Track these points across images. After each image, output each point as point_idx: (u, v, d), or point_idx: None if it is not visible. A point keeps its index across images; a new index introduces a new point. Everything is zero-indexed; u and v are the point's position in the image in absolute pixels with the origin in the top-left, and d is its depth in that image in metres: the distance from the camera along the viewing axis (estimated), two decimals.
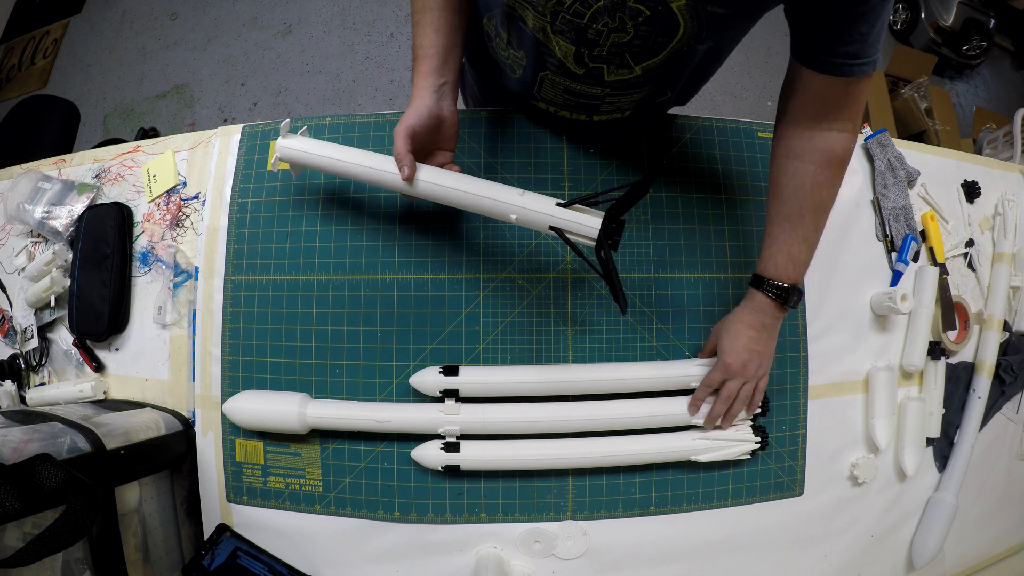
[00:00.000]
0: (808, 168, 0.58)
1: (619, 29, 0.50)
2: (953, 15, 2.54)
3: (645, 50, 0.53)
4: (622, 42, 0.52)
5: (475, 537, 0.69)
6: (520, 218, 0.56)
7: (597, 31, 0.51)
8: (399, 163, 0.57)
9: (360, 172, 0.61)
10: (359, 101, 2.19)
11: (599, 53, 0.55)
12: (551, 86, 0.65)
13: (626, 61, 0.55)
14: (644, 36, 0.51)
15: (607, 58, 0.55)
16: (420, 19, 0.59)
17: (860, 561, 0.76)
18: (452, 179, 0.58)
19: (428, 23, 0.58)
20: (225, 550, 0.68)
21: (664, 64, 0.56)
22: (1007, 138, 2.08)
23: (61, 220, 0.78)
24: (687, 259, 0.74)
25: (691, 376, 0.67)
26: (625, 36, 0.51)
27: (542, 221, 0.55)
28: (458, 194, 0.58)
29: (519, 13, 0.54)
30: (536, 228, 0.57)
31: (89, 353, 0.76)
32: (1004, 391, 0.84)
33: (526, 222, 0.56)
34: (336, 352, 0.70)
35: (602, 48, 0.54)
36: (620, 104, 0.67)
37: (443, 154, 0.63)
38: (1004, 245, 0.87)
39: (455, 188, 0.58)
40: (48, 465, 0.48)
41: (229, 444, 0.71)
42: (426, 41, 0.58)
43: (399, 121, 0.57)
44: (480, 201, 0.57)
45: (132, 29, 2.45)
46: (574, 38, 0.53)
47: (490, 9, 0.61)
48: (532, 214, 0.55)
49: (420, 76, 0.59)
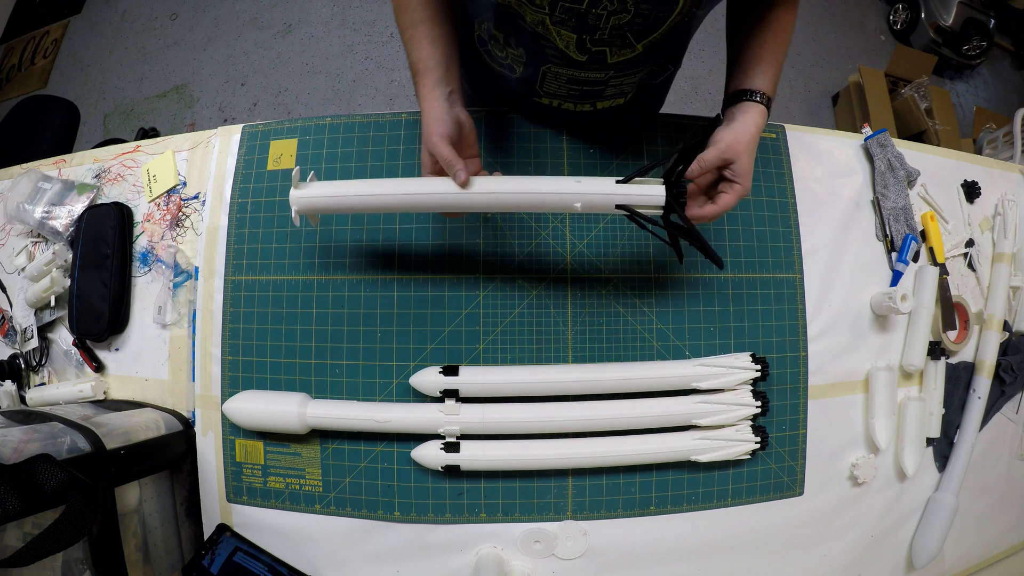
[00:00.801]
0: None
1: (619, 11, 0.51)
2: (953, 15, 2.54)
3: (646, 27, 0.53)
4: (623, 23, 0.52)
5: (475, 537, 0.69)
6: (585, 205, 0.54)
7: (597, 15, 0.51)
8: (453, 168, 0.54)
9: (397, 202, 0.57)
10: (359, 101, 2.19)
11: (600, 37, 0.55)
12: (554, 78, 0.65)
13: (628, 40, 0.55)
14: (645, 13, 0.51)
15: (609, 40, 0.55)
16: (413, 33, 0.57)
17: (860, 561, 0.76)
18: (506, 183, 0.56)
19: (423, 35, 0.57)
20: (225, 550, 0.68)
21: (665, 37, 0.56)
22: (1007, 138, 2.08)
23: (61, 220, 0.78)
24: (687, 259, 0.74)
25: (691, 376, 0.67)
26: (626, 16, 0.51)
27: (607, 203, 0.54)
28: (517, 197, 0.55)
29: (516, 10, 0.54)
30: (601, 211, 0.56)
31: (89, 353, 0.76)
32: (1004, 391, 0.84)
33: (590, 207, 0.55)
34: (336, 352, 0.70)
35: (603, 31, 0.54)
36: (623, 87, 0.66)
37: (472, 161, 0.60)
38: (1004, 245, 0.87)
39: (513, 192, 0.55)
40: (48, 465, 0.48)
41: (229, 444, 0.71)
42: (424, 53, 0.57)
43: (426, 134, 0.55)
44: (542, 199, 0.55)
45: (132, 29, 2.45)
46: (575, 25, 0.53)
47: (479, 15, 0.61)
48: (596, 198, 0.54)
49: (427, 88, 0.57)
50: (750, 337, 0.73)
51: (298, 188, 0.58)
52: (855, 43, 2.64)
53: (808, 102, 2.44)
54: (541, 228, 0.73)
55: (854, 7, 2.74)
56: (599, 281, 0.72)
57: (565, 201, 0.55)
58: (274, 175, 0.75)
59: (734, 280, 0.74)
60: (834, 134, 0.83)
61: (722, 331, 0.73)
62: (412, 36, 0.58)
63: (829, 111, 2.44)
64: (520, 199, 0.56)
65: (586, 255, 0.73)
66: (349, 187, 0.58)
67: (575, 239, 0.73)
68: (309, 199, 0.58)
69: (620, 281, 0.73)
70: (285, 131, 0.76)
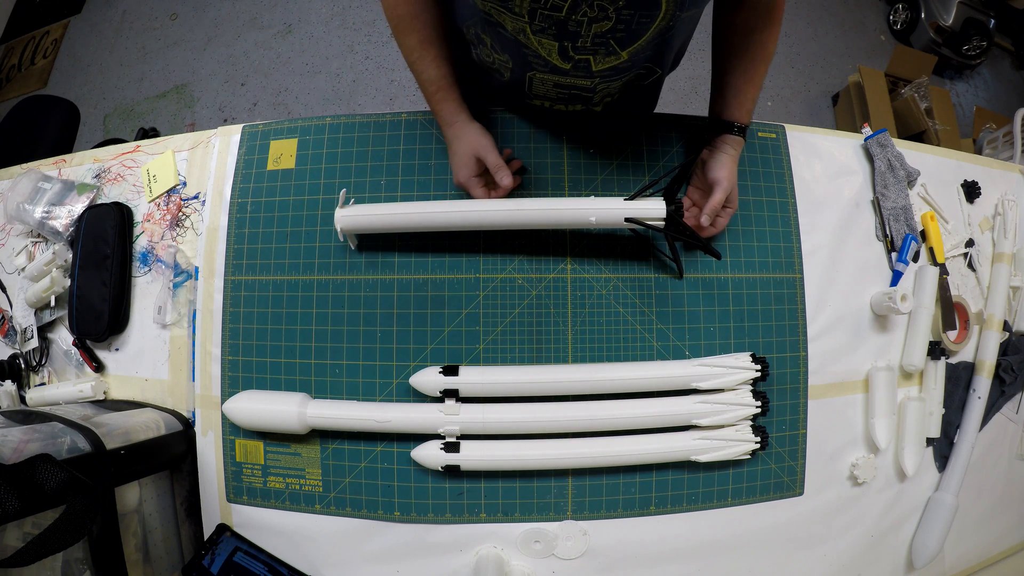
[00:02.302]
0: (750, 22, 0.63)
1: (600, 17, 0.50)
2: (953, 15, 2.54)
3: (629, 34, 0.53)
4: (605, 30, 0.52)
5: (475, 537, 0.69)
6: (599, 219, 0.63)
7: (577, 22, 0.51)
8: (500, 173, 0.63)
9: (432, 221, 0.65)
10: (359, 101, 2.19)
11: (583, 44, 0.54)
12: (541, 83, 0.65)
13: (612, 48, 0.55)
14: (627, 20, 0.50)
15: (592, 49, 0.55)
16: (423, 53, 0.62)
17: (860, 561, 0.76)
18: (533, 203, 0.65)
19: (435, 56, 0.62)
20: (225, 550, 0.68)
21: (650, 43, 0.55)
22: (1007, 138, 2.08)
23: (61, 220, 0.78)
24: (687, 259, 0.74)
25: (691, 376, 0.67)
26: (607, 23, 0.51)
27: (617, 216, 0.63)
28: (541, 214, 0.64)
29: (496, 19, 0.54)
30: (612, 224, 0.64)
31: (89, 353, 0.76)
32: (1004, 391, 0.84)
33: (604, 221, 0.63)
34: (336, 352, 0.70)
35: (585, 39, 0.53)
36: (611, 90, 0.67)
37: (514, 161, 0.72)
38: (1004, 245, 0.87)
39: (538, 209, 0.64)
40: (48, 465, 0.48)
41: (229, 444, 0.71)
42: (441, 72, 0.63)
43: (475, 147, 0.64)
44: (560, 215, 0.64)
45: (132, 29, 2.45)
46: (556, 33, 0.53)
47: (466, 19, 0.61)
48: (609, 213, 0.63)
49: (452, 103, 0.64)
50: (750, 337, 0.73)
51: (342, 208, 0.66)
52: (855, 43, 2.64)
53: (808, 102, 2.44)
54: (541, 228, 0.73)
55: (854, 7, 2.74)
56: (599, 281, 0.72)
57: (582, 216, 0.63)
58: (274, 175, 0.75)
59: (734, 280, 0.74)
60: (834, 134, 0.83)
61: (722, 331, 0.73)
62: (423, 56, 0.62)
63: (829, 111, 2.44)
64: (543, 216, 0.64)
65: (586, 255, 0.73)
66: (388, 209, 0.66)
67: (575, 239, 0.73)
68: (352, 218, 0.66)
69: (620, 281, 0.73)
70: (285, 131, 0.76)
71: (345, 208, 0.66)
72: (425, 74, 0.63)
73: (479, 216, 0.65)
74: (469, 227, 0.66)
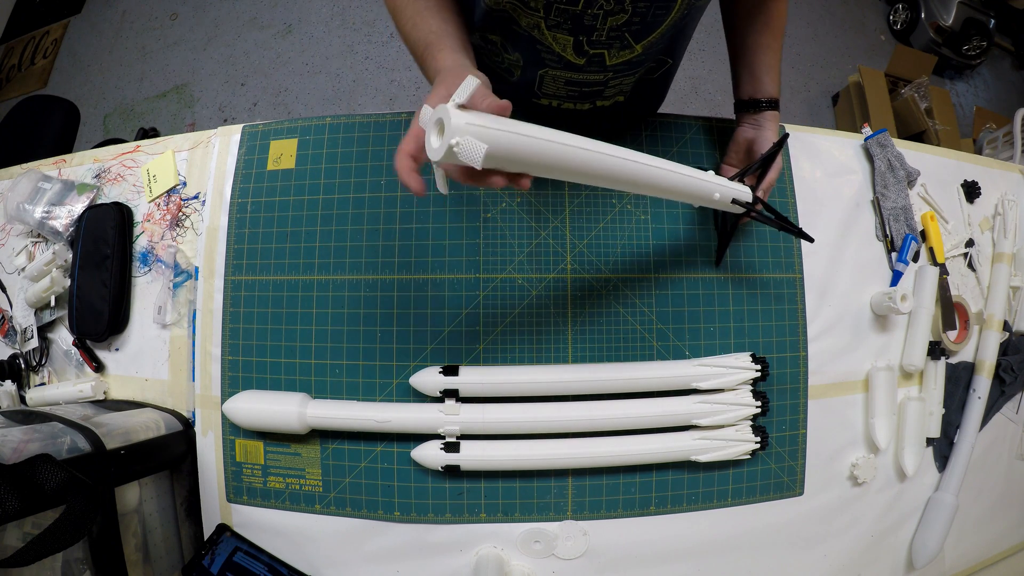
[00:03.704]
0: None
1: (616, 11, 0.49)
2: (953, 15, 2.54)
3: (645, 26, 0.52)
4: (620, 23, 0.51)
5: (475, 537, 0.69)
6: (722, 196, 0.59)
7: (593, 15, 0.50)
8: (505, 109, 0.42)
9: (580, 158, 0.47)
10: (359, 101, 2.19)
11: (598, 38, 0.53)
12: (552, 81, 0.64)
13: (627, 41, 0.54)
14: (643, 12, 0.50)
15: (607, 43, 0.54)
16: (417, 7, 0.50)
17: (860, 561, 0.76)
18: (665, 164, 0.50)
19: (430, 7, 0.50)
20: (225, 550, 0.68)
21: (664, 36, 0.55)
22: (1007, 138, 2.08)
23: (61, 220, 0.78)
24: (687, 259, 0.74)
25: (691, 376, 0.67)
26: (623, 16, 0.50)
27: (728, 195, 0.60)
28: (670, 176, 0.50)
29: (510, 15, 0.53)
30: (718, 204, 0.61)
31: (89, 353, 0.76)
32: (1004, 391, 0.84)
33: (724, 199, 0.59)
34: (336, 352, 0.70)
35: (600, 32, 0.53)
36: (623, 86, 0.66)
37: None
38: (1004, 245, 0.87)
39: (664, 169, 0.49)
40: (48, 465, 0.48)
41: (229, 444, 0.71)
42: (435, 26, 0.49)
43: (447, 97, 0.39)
44: (688, 183, 0.53)
45: (132, 29, 2.45)
46: (571, 28, 0.52)
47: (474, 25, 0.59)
48: (727, 191, 0.59)
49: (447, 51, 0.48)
50: (750, 337, 0.73)
51: (459, 111, 0.37)
52: (855, 43, 2.64)
53: (808, 102, 2.44)
54: (541, 228, 0.73)
55: (854, 7, 2.74)
56: (599, 281, 0.72)
57: (709, 191, 0.57)
58: (274, 175, 0.75)
59: (734, 280, 0.74)
60: (834, 134, 0.83)
61: (722, 331, 0.73)
62: (417, 11, 0.50)
63: (829, 111, 2.44)
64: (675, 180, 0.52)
65: (586, 255, 0.73)
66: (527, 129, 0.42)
67: (575, 239, 0.73)
68: (483, 130, 0.37)
69: (620, 281, 0.73)
70: (285, 131, 0.76)
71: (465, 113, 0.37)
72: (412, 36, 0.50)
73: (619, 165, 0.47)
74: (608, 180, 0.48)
